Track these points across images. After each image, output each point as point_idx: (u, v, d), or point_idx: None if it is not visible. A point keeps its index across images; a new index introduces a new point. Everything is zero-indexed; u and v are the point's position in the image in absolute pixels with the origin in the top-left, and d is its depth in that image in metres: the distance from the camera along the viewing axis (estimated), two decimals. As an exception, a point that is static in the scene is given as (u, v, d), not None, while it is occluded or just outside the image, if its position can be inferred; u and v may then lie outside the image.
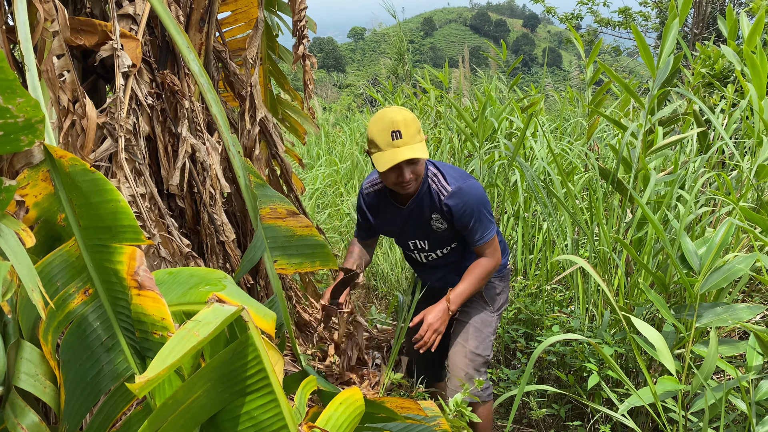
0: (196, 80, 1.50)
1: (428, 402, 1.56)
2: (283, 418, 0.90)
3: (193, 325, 0.83)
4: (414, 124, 1.98)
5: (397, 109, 2.01)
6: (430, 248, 2.32)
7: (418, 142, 1.98)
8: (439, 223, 2.22)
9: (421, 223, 2.24)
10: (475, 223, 2.16)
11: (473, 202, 2.15)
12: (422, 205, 2.20)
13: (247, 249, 1.39)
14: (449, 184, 2.16)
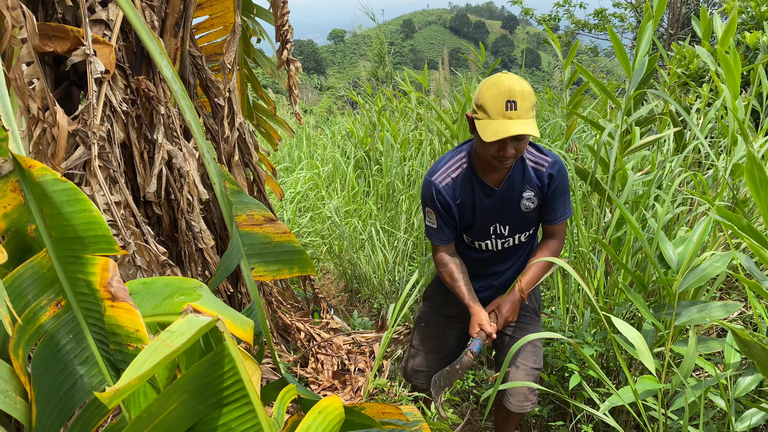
0: (169, 86, 1.48)
1: (410, 407, 1.56)
2: (261, 429, 0.89)
3: (167, 335, 0.82)
4: (531, 98, 1.88)
5: (516, 79, 1.90)
6: (510, 233, 2.24)
7: (530, 118, 1.88)
8: (530, 202, 2.16)
9: (510, 204, 2.15)
10: (565, 196, 2.16)
11: (566, 174, 2.14)
12: (513, 184, 2.12)
13: (223, 256, 1.37)
14: (546, 154, 2.12)
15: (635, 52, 3.09)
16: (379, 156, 6.20)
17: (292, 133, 2.69)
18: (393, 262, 4.58)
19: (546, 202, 2.15)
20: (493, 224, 2.20)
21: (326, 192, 6.12)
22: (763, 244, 2.24)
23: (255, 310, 1.45)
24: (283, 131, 2.72)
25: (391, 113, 7.33)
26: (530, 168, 2.11)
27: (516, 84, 1.86)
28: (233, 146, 2.31)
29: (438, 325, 2.50)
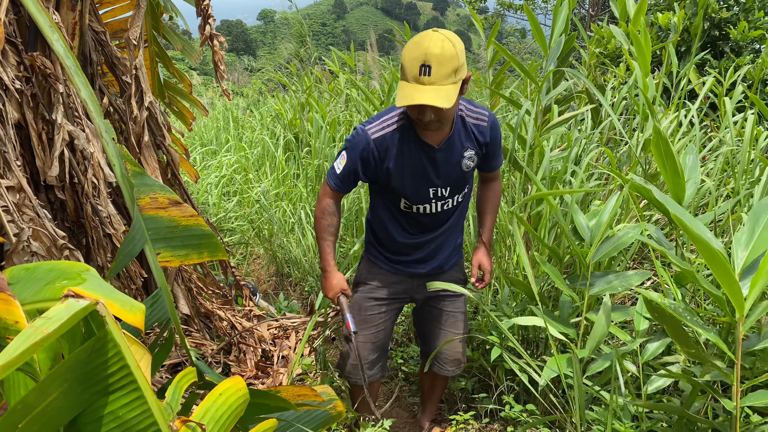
0: (62, 62, 1.40)
1: (324, 387, 1.55)
2: (151, 415, 0.85)
3: (42, 322, 0.77)
4: (450, 63, 1.71)
5: (438, 39, 1.72)
6: (450, 194, 2.15)
7: (449, 84, 1.74)
8: (470, 161, 2.10)
9: (451, 164, 2.06)
10: (500, 145, 2.20)
11: (499, 126, 2.16)
12: (454, 144, 2.03)
13: (124, 241, 1.31)
14: (479, 107, 2.08)
15: (551, 31, 3.15)
16: (308, 138, 6.12)
17: (205, 111, 2.60)
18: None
19: (488, 153, 2.15)
20: (434, 187, 2.09)
21: (255, 175, 6.00)
22: (667, 214, 2.35)
23: (161, 296, 1.40)
24: (198, 110, 2.62)
25: (320, 95, 7.24)
26: (472, 125, 2.05)
27: (436, 46, 1.71)
28: (142, 126, 2.21)
29: (371, 309, 2.37)
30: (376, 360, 2.42)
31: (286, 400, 1.33)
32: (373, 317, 2.36)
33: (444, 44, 1.72)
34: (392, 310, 2.41)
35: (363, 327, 2.36)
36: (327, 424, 1.56)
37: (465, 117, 2.04)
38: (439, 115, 1.83)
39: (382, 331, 2.40)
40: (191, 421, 0.90)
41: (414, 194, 2.10)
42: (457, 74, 1.76)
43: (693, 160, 2.48)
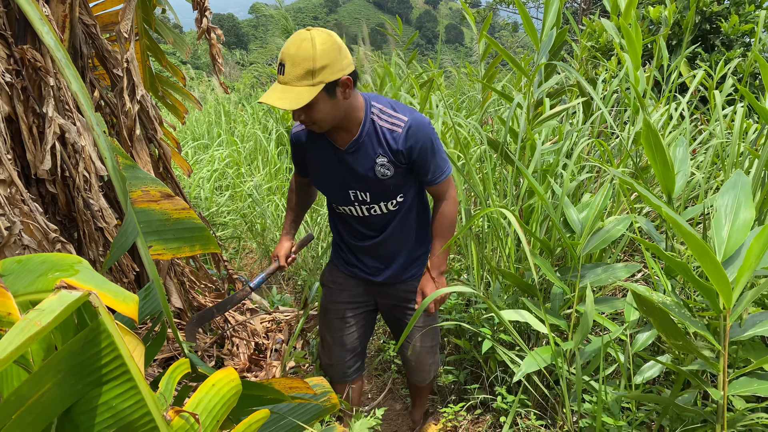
0: (52, 54, 1.39)
1: (318, 379, 1.56)
2: (145, 405, 0.86)
3: (35, 314, 0.77)
4: (303, 63, 1.66)
5: (300, 39, 1.68)
6: (373, 200, 2.05)
7: (301, 86, 1.68)
8: (385, 169, 1.97)
9: (364, 170, 1.97)
10: (436, 154, 1.97)
11: (429, 131, 1.94)
12: (366, 148, 1.94)
13: (118, 234, 1.31)
14: (402, 113, 1.93)
15: (542, 25, 3.16)
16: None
17: (199, 105, 2.60)
18: (316, 238, 4.56)
19: (416, 165, 1.97)
20: (352, 189, 2.04)
21: (247, 169, 5.99)
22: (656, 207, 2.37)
23: (154, 289, 1.40)
24: (191, 104, 2.62)
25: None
26: (384, 130, 1.92)
27: (293, 45, 1.67)
28: (134, 120, 2.20)
29: (335, 313, 2.38)
30: (349, 362, 2.44)
31: (279, 392, 1.34)
32: (337, 321, 2.37)
33: (303, 44, 1.68)
34: (358, 314, 2.38)
35: (330, 330, 2.40)
36: (320, 416, 1.58)
37: (376, 121, 1.92)
38: (312, 119, 1.80)
39: (351, 334, 2.39)
40: (184, 411, 0.91)
41: (333, 194, 2.12)
42: (314, 76, 1.69)
43: (683, 153, 2.50)
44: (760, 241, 1.42)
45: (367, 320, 2.44)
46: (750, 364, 1.70)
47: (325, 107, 1.77)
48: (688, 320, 1.51)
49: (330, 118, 1.83)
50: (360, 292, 2.34)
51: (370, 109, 1.93)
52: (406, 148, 1.92)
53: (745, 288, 1.50)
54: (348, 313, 2.36)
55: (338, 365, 2.43)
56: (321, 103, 1.75)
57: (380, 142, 1.93)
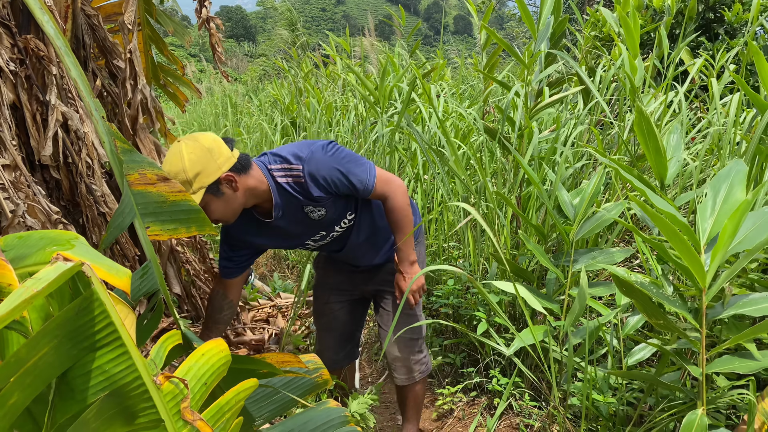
0: (52, 43, 1.45)
1: (310, 355, 1.62)
2: (136, 369, 0.92)
3: (32, 282, 0.83)
4: (178, 177, 1.72)
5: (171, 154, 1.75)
6: (327, 230, 2.09)
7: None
8: (318, 212, 1.99)
9: (301, 222, 2.01)
10: (349, 177, 1.93)
11: (330, 160, 1.90)
12: (290, 206, 1.95)
13: (114, 214, 1.37)
14: (295, 163, 1.90)
15: (539, 13, 3.19)
16: (305, 122, 6.16)
17: (199, 93, 2.66)
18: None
19: (340, 191, 1.96)
20: (305, 240, 2.11)
21: (251, 159, 6.06)
22: (651, 188, 2.40)
23: (151, 267, 1.46)
24: (191, 92, 2.68)
25: (317, 80, 7.27)
26: (292, 185, 1.92)
27: (167, 163, 1.74)
28: (137, 109, 2.26)
29: (321, 298, 2.43)
30: (337, 348, 2.45)
31: (272, 365, 1.40)
32: (323, 307, 2.42)
33: (173, 159, 1.73)
34: (343, 302, 2.40)
35: (317, 316, 2.47)
36: (313, 390, 1.64)
37: (281, 182, 1.91)
38: (212, 219, 1.83)
39: (337, 320, 2.42)
40: (174, 377, 0.97)
41: (294, 249, 2.15)
42: (192, 185, 1.74)
43: (677, 140, 2.53)
44: (733, 221, 1.46)
45: (354, 309, 2.43)
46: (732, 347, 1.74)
47: (218, 206, 1.81)
48: (666, 300, 1.56)
49: (230, 212, 1.86)
50: (343, 280, 2.37)
51: (270, 175, 1.92)
52: (319, 190, 1.91)
53: (721, 267, 1.55)
54: (332, 298, 2.39)
55: (326, 351, 2.46)
56: (212, 205, 1.80)
57: (295, 196, 1.93)
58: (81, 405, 0.92)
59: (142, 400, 0.94)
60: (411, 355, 2.32)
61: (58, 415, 0.94)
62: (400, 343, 2.31)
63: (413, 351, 2.33)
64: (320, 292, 2.43)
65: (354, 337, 2.52)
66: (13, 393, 0.86)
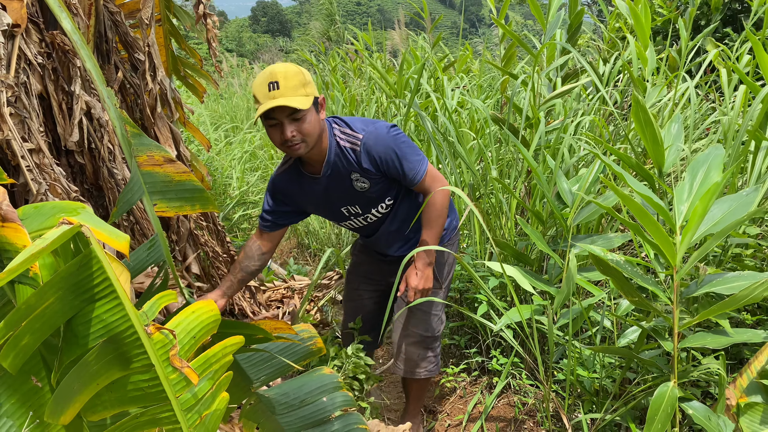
0: (69, 37, 1.60)
1: (305, 325, 1.75)
2: (129, 319, 1.06)
3: (40, 241, 0.98)
4: (296, 77, 1.83)
5: (281, 64, 1.88)
6: (364, 210, 2.17)
7: (299, 96, 1.83)
8: (363, 183, 2.06)
9: (344, 188, 2.09)
10: (402, 161, 2.00)
11: (389, 140, 1.99)
12: (338, 168, 2.04)
13: (123, 191, 1.52)
14: (358, 131, 2.00)
15: (548, 6, 3.25)
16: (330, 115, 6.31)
17: (216, 85, 2.82)
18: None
19: (388, 173, 2.04)
20: (342, 207, 2.17)
21: (275, 151, 6.24)
22: (648, 177, 2.47)
23: (158, 240, 1.61)
24: (209, 84, 2.85)
25: (345, 73, 7.40)
26: (347, 149, 2.02)
27: (279, 66, 1.85)
28: (155, 99, 2.42)
29: (352, 284, 2.52)
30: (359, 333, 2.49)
31: (264, 330, 1.54)
32: (351, 292, 2.53)
33: (286, 65, 1.86)
34: (371, 291, 2.48)
35: (346, 299, 2.57)
36: (308, 357, 1.77)
37: (339, 141, 2.02)
38: (301, 132, 1.88)
39: (363, 308, 2.49)
40: (164, 328, 1.10)
41: (328, 217, 2.27)
42: (306, 88, 1.85)
43: (677, 129, 2.58)
44: (703, 203, 1.54)
45: (382, 301, 2.46)
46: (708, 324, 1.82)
47: (312, 120, 1.89)
48: (639, 278, 1.64)
49: (315, 133, 1.92)
50: (374, 270, 2.45)
51: (332, 131, 2.03)
52: (369, 163, 2.00)
53: (694, 248, 1.62)
54: (362, 286, 2.50)
55: (347, 336, 2.54)
56: (310, 115, 1.88)
57: (348, 160, 2.02)
58: (83, 349, 1.07)
59: (135, 346, 1.08)
60: (419, 351, 2.34)
61: (64, 358, 1.09)
62: (411, 338, 2.33)
63: (422, 348, 2.34)
64: (352, 277, 2.55)
65: (377, 328, 2.55)
66: (24, 335, 1.01)
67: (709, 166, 1.77)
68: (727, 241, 2.26)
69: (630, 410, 1.96)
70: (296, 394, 1.70)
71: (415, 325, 2.33)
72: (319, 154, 2.02)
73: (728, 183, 2.62)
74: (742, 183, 2.88)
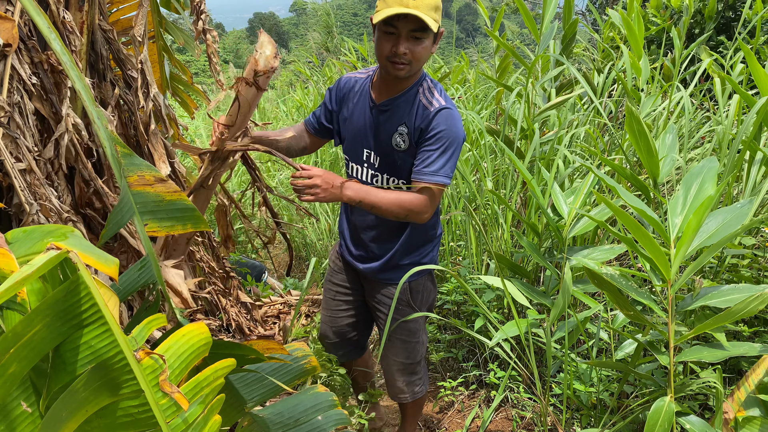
0: (59, 58, 1.60)
1: (299, 343, 1.74)
2: (118, 345, 1.05)
3: (27, 267, 0.97)
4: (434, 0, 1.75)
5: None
6: (380, 168, 2.03)
7: (431, 17, 1.73)
8: (401, 140, 1.94)
9: (384, 130, 1.97)
10: (442, 152, 1.88)
11: (454, 129, 1.88)
12: (396, 111, 1.93)
13: (113, 211, 1.51)
14: (443, 100, 1.91)
15: (542, 17, 3.26)
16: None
17: (207, 100, 2.82)
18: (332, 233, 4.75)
19: (418, 148, 1.92)
20: (368, 148, 2.03)
21: (273, 164, 6.23)
22: (643, 189, 2.46)
23: (149, 261, 1.60)
24: (201, 100, 2.85)
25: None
26: (421, 105, 1.91)
27: None
28: (149, 116, 2.42)
29: (328, 293, 2.40)
30: (336, 344, 2.41)
31: (255, 350, 1.53)
32: (329, 301, 2.40)
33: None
34: (349, 301, 2.35)
35: (324, 308, 2.43)
36: (302, 376, 1.76)
37: (419, 93, 1.93)
38: (414, 54, 1.80)
39: (341, 318, 2.36)
40: (153, 353, 1.09)
41: (350, 144, 2.09)
42: (437, 13, 1.77)
43: (672, 139, 2.58)
44: (697, 217, 1.53)
45: (360, 310, 2.37)
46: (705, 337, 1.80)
47: (427, 48, 1.82)
48: (633, 291, 1.63)
49: (422, 61, 1.85)
50: (350, 279, 2.33)
51: (422, 81, 1.95)
52: (426, 126, 1.89)
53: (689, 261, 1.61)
54: (339, 296, 2.36)
55: (326, 344, 2.44)
56: (428, 41, 1.80)
57: (411, 112, 1.92)
58: (71, 376, 1.06)
59: (124, 372, 1.07)
60: (403, 377, 2.29)
61: (52, 385, 1.08)
62: (393, 366, 2.28)
63: (406, 374, 2.29)
64: (328, 285, 2.39)
65: (355, 339, 2.43)
66: (11, 363, 1.00)
67: (703, 178, 1.77)
68: (723, 252, 2.25)
69: (627, 424, 1.95)
70: (291, 413, 1.69)
71: (396, 354, 2.27)
72: (397, 86, 1.93)
73: (724, 192, 2.62)
74: (738, 192, 2.88)
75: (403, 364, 2.27)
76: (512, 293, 2.05)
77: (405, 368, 2.28)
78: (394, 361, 2.27)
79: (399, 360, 2.26)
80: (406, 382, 2.29)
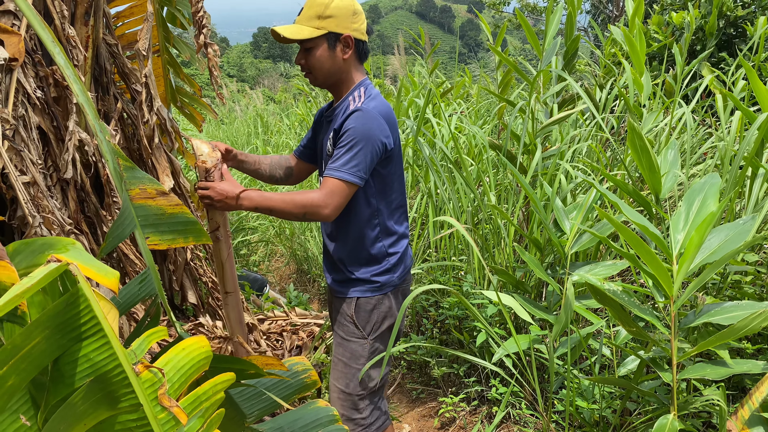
0: (62, 72, 1.61)
1: (299, 358, 1.73)
2: (117, 358, 1.04)
3: (27, 280, 0.97)
4: (316, 8, 1.82)
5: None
6: (320, 171, 2.06)
7: (308, 26, 1.83)
8: (329, 145, 1.94)
9: (324, 138, 2.00)
10: (345, 148, 1.82)
11: (363, 128, 1.81)
12: (334, 118, 1.95)
13: (113, 225, 1.51)
14: (366, 103, 1.87)
15: (545, 34, 3.28)
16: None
17: (214, 114, 2.84)
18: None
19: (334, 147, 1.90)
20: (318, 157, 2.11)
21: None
22: (645, 204, 2.46)
23: (149, 274, 1.60)
24: (207, 112, 2.87)
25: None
26: (348, 108, 1.88)
27: None
28: (152, 129, 2.43)
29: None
30: None
31: (255, 365, 1.52)
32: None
33: None
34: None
35: None
36: (302, 392, 1.75)
37: (350, 100, 1.92)
38: (307, 62, 1.89)
39: None
40: (153, 367, 1.09)
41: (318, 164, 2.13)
42: (320, 20, 1.83)
43: (674, 155, 2.58)
44: (700, 233, 1.53)
45: None
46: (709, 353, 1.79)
47: (323, 56, 1.87)
48: (636, 308, 1.62)
49: (324, 69, 1.89)
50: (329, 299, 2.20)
51: (356, 88, 1.93)
52: (340, 128, 1.87)
53: (691, 277, 1.60)
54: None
55: None
56: (320, 51, 1.86)
57: (340, 118, 1.90)
58: (70, 389, 1.05)
59: (123, 386, 1.06)
60: (344, 410, 2.03)
61: (50, 398, 1.07)
62: (333, 393, 2.07)
63: (346, 407, 2.04)
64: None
65: None
66: (10, 376, 1.00)
67: (706, 194, 1.77)
68: (726, 268, 2.24)
69: (631, 442, 1.93)
70: (291, 428, 1.68)
71: (336, 378, 2.06)
72: (337, 97, 1.99)
73: (726, 208, 2.61)
74: (740, 208, 2.88)
75: (342, 393, 2.03)
76: (514, 308, 2.04)
77: (345, 399, 2.04)
78: (334, 386, 2.06)
79: (338, 386, 2.04)
80: (346, 417, 2.04)
